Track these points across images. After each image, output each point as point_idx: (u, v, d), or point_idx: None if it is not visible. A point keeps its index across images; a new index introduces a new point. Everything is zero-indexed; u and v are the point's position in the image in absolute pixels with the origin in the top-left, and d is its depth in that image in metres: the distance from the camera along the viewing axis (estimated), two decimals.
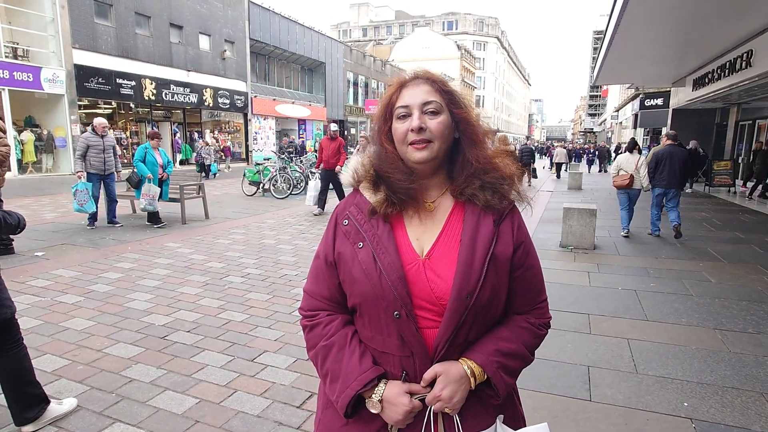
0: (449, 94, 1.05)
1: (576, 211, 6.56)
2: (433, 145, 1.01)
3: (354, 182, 1.12)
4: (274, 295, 4.41)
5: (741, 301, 4.35)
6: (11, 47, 15.56)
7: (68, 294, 4.31)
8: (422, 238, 1.03)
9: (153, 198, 7.41)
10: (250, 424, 2.41)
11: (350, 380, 0.98)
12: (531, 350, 1.07)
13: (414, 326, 0.96)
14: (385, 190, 1.04)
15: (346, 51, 35.45)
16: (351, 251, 1.02)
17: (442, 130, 1.02)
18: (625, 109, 33.76)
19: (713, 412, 2.57)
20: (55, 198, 10.93)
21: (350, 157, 6.90)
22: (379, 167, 1.06)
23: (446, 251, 1.00)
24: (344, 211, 1.08)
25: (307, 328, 1.09)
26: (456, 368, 0.98)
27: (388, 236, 1.01)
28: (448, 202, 1.07)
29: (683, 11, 8.22)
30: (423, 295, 0.97)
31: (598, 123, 67.38)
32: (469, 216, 1.02)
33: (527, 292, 1.08)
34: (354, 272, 1.01)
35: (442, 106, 1.02)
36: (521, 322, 1.07)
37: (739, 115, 15.28)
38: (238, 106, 24.56)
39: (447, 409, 0.98)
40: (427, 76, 1.06)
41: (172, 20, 20.41)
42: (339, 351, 1.02)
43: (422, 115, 1.00)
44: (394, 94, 1.06)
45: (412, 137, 1.00)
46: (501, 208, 1.04)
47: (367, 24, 76.91)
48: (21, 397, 2.27)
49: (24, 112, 16.15)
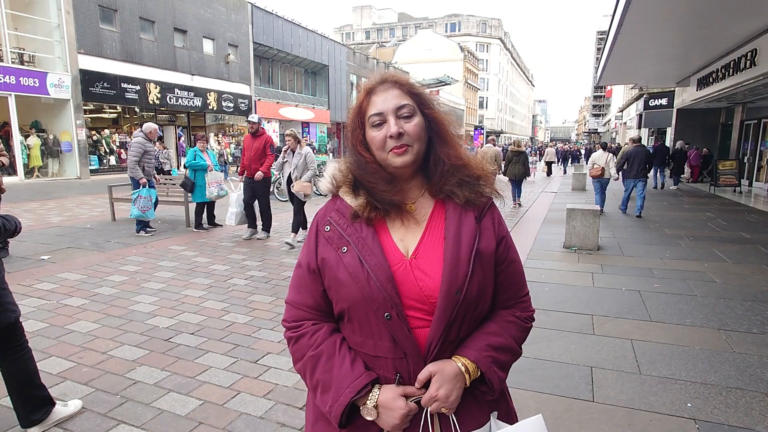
0: (418, 96, 1.05)
1: (579, 211, 6.55)
2: (413, 148, 1.01)
3: (333, 188, 1.10)
4: (278, 297, 4.43)
5: (746, 302, 4.33)
6: (18, 53, 15.72)
7: (74, 297, 4.35)
8: (406, 238, 1.03)
9: (220, 183, 7.72)
10: (253, 425, 2.42)
11: (342, 388, 0.96)
12: (519, 344, 1.08)
13: (406, 327, 0.96)
14: (365, 195, 1.04)
15: (349, 54, 35.54)
16: (335, 256, 1.01)
17: (419, 132, 1.02)
18: (629, 109, 33.63)
19: (717, 413, 2.56)
20: (61, 202, 11.01)
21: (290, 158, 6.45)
22: (360, 177, 1.05)
23: (431, 249, 1.01)
24: (325, 218, 1.07)
25: (293, 340, 1.05)
26: (450, 366, 0.97)
27: (372, 239, 1.01)
28: (428, 201, 1.07)
29: (686, 10, 8.20)
30: (412, 294, 0.97)
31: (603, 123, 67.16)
32: (451, 214, 1.03)
33: (511, 286, 1.09)
34: (340, 276, 0.99)
35: (414, 109, 1.02)
36: (508, 317, 1.08)
37: (744, 114, 15.19)
38: (241, 109, 24.67)
39: (443, 408, 0.97)
40: (394, 80, 1.05)
41: (176, 25, 20.56)
42: (328, 360, 1.00)
43: (398, 120, 1.00)
44: (363, 101, 1.05)
45: (392, 144, 1.00)
46: (480, 204, 1.05)
47: (370, 26, 77.08)
48: (27, 400, 2.30)
49: (30, 117, 16.32)
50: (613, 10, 8.99)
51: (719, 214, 9.59)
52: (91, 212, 9.60)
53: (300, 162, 6.54)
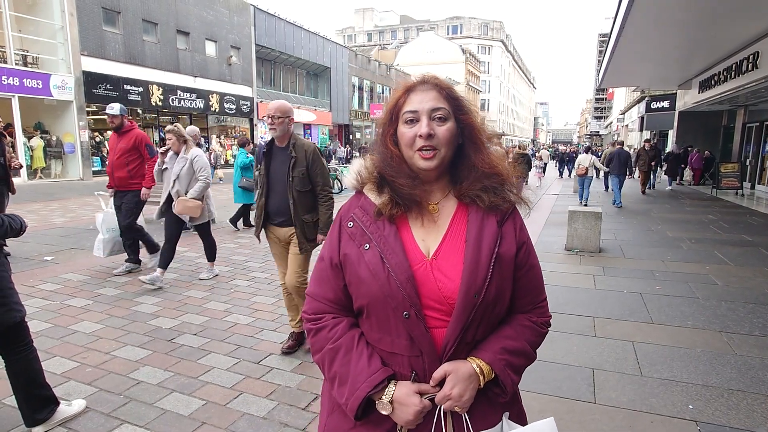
0: (456, 101, 1.07)
1: (581, 214, 6.55)
2: (440, 152, 1.03)
3: (358, 185, 1.13)
4: (279, 298, 4.44)
5: (747, 304, 4.33)
6: (21, 55, 15.78)
7: (77, 297, 4.37)
8: (428, 239, 1.05)
9: None
10: (255, 425, 2.43)
11: (359, 382, 0.99)
12: (534, 348, 1.09)
13: (423, 326, 0.98)
14: (389, 192, 1.06)
15: (351, 56, 35.60)
16: (357, 253, 1.03)
17: (449, 137, 1.03)
18: (631, 111, 33.64)
19: (718, 415, 2.56)
20: (64, 203, 11.05)
21: (171, 164, 4.60)
22: (383, 170, 1.07)
23: (452, 251, 1.02)
24: (348, 213, 1.09)
25: (312, 332, 1.08)
26: (465, 367, 0.99)
27: (394, 237, 1.02)
28: (452, 204, 1.09)
29: (688, 13, 8.21)
30: (431, 294, 0.99)
31: (604, 126, 67.10)
32: (473, 217, 1.04)
33: (529, 291, 1.10)
34: (361, 273, 1.01)
35: (449, 113, 1.04)
36: (524, 321, 1.09)
37: (746, 117, 15.19)
38: (243, 111, 24.73)
39: (457, 407, 0.99)
40: (435, 82, 1.07)
41: (179, 27, 20.63)
42: (346, 354, 1.02)
43: (431, 122, 1.02)
44: (401, 97, 1.07)
45: (421, 143, 1.02)
46: (503, 210, 1.06)
47: (372, 29, 77.19)
48: (31, 399, 2.31)
49: (33, 119, 16.37)
50: (615, 12, 9.02)
51: (721, 217, 9.58)
52: (93, 213, 9.61)
53: (184, 170, 4.65)
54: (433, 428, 1.00)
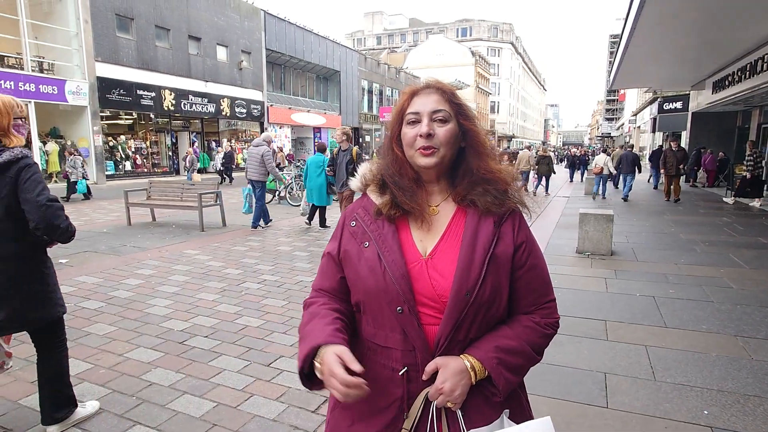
0: (458, 105, 1.10)
1: (592, 216, 6.49)
2: (439, 151, 1.06)
3: (362, 186, 1.18)
4: (290, 301, 4.46)
5: (763, 308, 4.25)
6: (37, 61, 16.09)
7: (91, 300, 4.43)
8: (426, 239, 1.08)
9: None
10: (266, 427, 2.44)
11: (311, 341, 1.00)
12: (536, 349, 1.08)
13: (416, 321, 1.00)
14: (390, 194, 1.10)
15: (360, 59, 35.75)
16: (357, 250, 1.08)
17: (449, 138, 1.07)
18: (643, 113, 33.29)
19: (734, 421, 2.52)
20: (78, 207, 11.22)
21: None
22: (387, 174, 1.12)
23: (448, 251, 1.05)
24: (352, 213, 1.15)
25: (305, 307, 1.15)
26: (456, 362, 1.01)
27: (392, 236, 1.07)
28: (451, 206, 1.12)
29: (700, 13, 8.12)
30: (425, 292, 1.02)
31: (616, 127, 66.50)
32: (471, 218, 1.07)
33: (531, 291, 1.10)
34: (359, 270, 1.06)
35: (450, 115, 1.08)
36: (525, 321, 1.09)
37: (761, 117, 14.95)
38: (254, 115, 24.93)
39: (449, 403, 1.00)
40: (438, 86, 1.11)
41: (191, 32, 20.90)
42: (314, 319, 1.07)
43: (431, 122, 1.06)
44: (406, 101, 1.12)
45: (421, 142, 1.06)
46: (501, 213, 1.08)
47: (381, 32, 77.46)
48: (55, 396, 2.36)
49: (49, 124, 16.70)
50: (626, 13, 8.94)
51: (735, 219, 9.43)
52: (107, 217, 9.77)
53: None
54: (428, 425, 1.01)
